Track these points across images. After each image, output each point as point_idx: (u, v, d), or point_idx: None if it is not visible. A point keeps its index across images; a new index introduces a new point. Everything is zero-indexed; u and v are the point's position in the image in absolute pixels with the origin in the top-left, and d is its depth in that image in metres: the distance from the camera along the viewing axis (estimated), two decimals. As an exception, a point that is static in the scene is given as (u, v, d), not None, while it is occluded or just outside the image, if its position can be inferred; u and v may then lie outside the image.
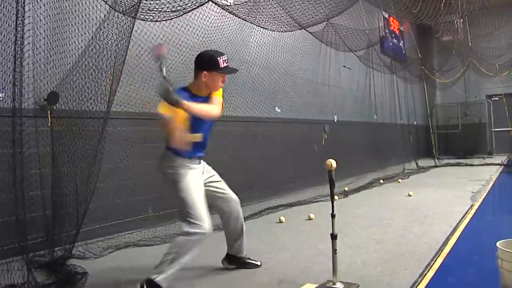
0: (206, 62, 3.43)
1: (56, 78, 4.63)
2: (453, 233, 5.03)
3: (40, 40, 4.45)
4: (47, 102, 4.57)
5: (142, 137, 5.62)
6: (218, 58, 3.42)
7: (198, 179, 3.49)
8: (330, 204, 3.41)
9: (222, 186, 3.79)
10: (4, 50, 3.93)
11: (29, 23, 4.28)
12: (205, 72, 3.40)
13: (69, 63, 4.70)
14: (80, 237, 4.73)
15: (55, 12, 4.57)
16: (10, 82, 3.99)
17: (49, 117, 4.58)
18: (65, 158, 4.72)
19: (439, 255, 4.14)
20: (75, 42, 4.72)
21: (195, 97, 3.39)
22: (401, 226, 5.51)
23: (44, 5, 4.45)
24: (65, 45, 4.67)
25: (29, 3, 4.29)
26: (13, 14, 3.90)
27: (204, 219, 3.25)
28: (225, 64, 3.45)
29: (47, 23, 4.49)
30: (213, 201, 3.69)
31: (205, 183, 3.59)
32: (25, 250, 4.07)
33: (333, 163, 3.30)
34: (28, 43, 4.29)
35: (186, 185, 3.36)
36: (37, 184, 4.53)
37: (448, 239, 4.75)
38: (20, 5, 3.92)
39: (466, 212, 6.18)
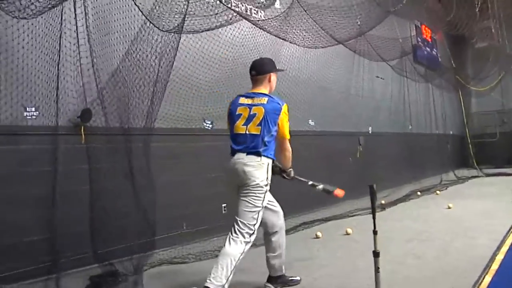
0: (272, 63, 3.81)
1: (90, 95, 4.66)
2: (500, 247, 4.78)
3: (71, 55, 4.50)
4: (81, 119, 4.59)
5: (174, 153, 5.59)
6: (274, 61, 3.84)
7: None
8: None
9: None
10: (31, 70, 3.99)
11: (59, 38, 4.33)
12: (272, 73, 3.76)
13: (104, 79, 4.72)
14: (113, 254, 4.73)
15: (89, 27, 4.60)
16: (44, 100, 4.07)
17: (83, 134, 4.60)
18: (100, 175, 4.73)
19: (487, 272, 3.92)
20: (110, 57, 4.74)
21: None
22: (442, 240, 5.30)
23: (76, 19, 4.49)
24: (99, 60, 4.69)
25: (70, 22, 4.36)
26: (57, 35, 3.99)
27: None
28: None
29: (78, 38, 4.52)
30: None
31: None
32: (60, 268, 4.11)
33: None
34: (58, 59, 4.33)
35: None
36: (73, 201, 4.54)
37: (494, 254, 4.51)
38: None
39: (512, 226, 5.90)
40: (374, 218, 3.22)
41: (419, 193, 9.87)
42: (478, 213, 7.10)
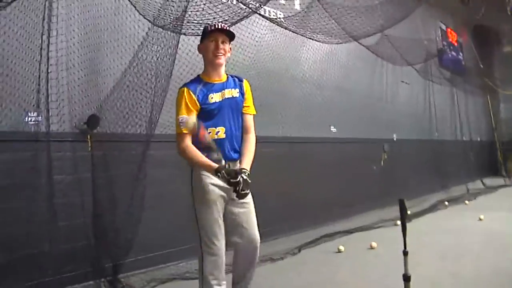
0: (201, 37, 3.05)
1: (96, 100, 4.38)
2: (544, 266, 4.33)
3: (75, 59, 4.23)
4: (87, 126, 4.31)
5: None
6: (206, 27, 3.01)
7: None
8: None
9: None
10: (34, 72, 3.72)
11: (62, 42, 4.11)
12: (199, 45, 3.04)
13: (110, 84, 4.45)
14: (121, 269, 4.42)
15: (93, 30, 4.35)
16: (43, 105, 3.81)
17: (90, 142, 4.31)
18: (107, 184, 4.44)
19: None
20: (115, 61, 4.46)
21: (206, 85, 2.97)
22: (479, 257, 4.87)
23: (79, 22, 4.25)
24: (105, 65, 4.42)
25: (62, 21, 4.11)
26: (40, 33, 3.75)
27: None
28: (212, 28, 2.94)
29: (83, 42, 4.28)
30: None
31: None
32: (60, 284, 3.83)
33: None
34: (62, 63, 4.11)
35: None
36: (79, 212, 4.25)
37: (540, 274, 4.07)
38: (50, 24, 3.77)
39: (554, 241, 5.41)
40: (404, 236, 2.83)
41: (446, 203, 9.36)
42: (512, 226, 6.61)
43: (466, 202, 9.68)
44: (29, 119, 3.97)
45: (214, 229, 2.91)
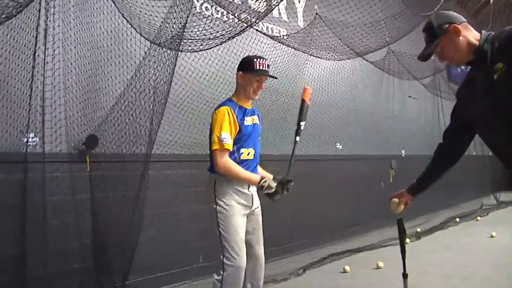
0: (242, 63, 3.23)
1: (95, 120, 4.35)
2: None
3: (73, 78, 4.21)
4: (85, 146, 4.27)
5: (190, 180, 5.19)
6: (254, 60, 3.15)
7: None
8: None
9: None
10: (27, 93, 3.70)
11: (59, 61, 4.08)
12: (240, 72, 3.19)
13: (109, 103, 4.42)
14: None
15: (91, 49, 4.34)
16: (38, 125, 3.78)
17: (88, 162, 4.27)
18: (105, 205, 4.38)
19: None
20: (114, 80, 4.44)
21: (241, 108, 3.16)
22: (489, 277, 4.72)
23: (76, 41, 4.23)
24: (103, 83, 4.40)
25: (59, 40, 4.09)
26: (31, 53, 3.72)
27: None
28: (261, 68, 3.13)
29: (81, 60, 4.26)
30: None
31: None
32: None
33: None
34: (59, 83, 4.07)
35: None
36: (76, 234, 4.20)
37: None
38: (46, 43, 3.76)
39: None
40: (404, 259, 2.70)
41: (457, 219, 9.15)
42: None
43: (478, 218, 9.46)
44: (25, 140, 3.93)
45: (238, 241, 3.01)
